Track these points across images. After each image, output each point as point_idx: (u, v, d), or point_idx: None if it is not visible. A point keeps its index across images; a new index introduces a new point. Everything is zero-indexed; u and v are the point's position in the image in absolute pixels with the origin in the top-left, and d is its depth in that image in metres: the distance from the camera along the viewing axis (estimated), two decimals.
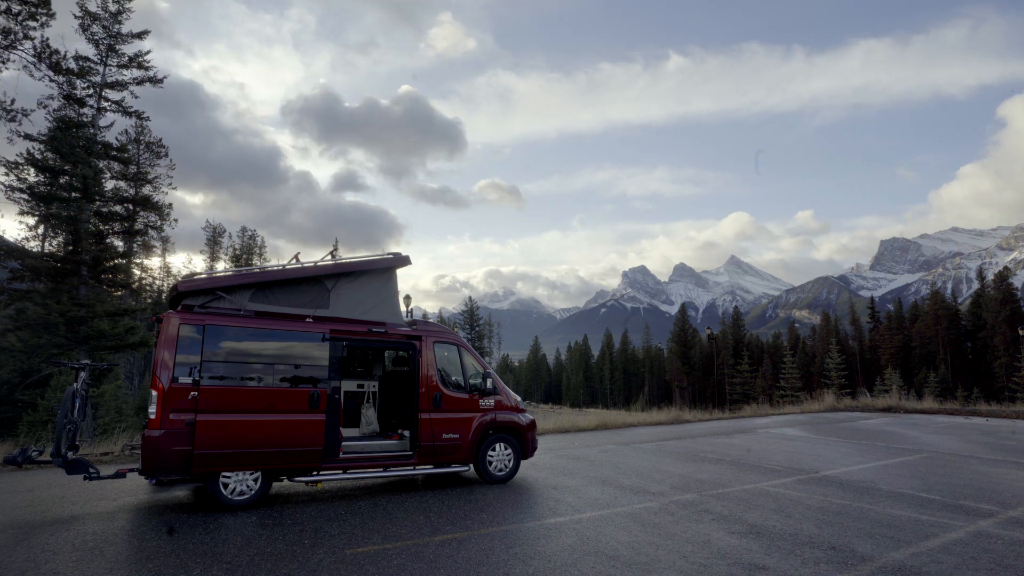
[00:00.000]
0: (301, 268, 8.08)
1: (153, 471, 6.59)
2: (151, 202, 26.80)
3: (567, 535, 6.08)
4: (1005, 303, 72.66)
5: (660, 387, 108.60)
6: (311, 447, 7.33)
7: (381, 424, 9.54)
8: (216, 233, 53.33)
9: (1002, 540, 5.99)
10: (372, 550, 5.50)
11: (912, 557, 5.40)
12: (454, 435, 8.53)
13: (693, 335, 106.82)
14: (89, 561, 5.17)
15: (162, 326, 6.92)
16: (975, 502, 7.71)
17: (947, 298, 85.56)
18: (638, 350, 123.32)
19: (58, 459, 6.83)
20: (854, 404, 26.54)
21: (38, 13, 18.92)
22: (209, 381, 6.87)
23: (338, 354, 8.17)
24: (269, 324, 7.44)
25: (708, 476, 9.50)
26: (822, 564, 5.20)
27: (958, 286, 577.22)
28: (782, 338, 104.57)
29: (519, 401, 9.54)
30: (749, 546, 5.72)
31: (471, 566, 5.09)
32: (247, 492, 7.11)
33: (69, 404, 7.11)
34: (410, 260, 8.70)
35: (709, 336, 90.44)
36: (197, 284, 7.42)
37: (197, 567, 5.01)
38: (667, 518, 6.80)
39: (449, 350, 8.96)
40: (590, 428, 17.65)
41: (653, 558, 5.35)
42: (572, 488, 8.52)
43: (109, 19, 22.31)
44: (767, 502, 7.62)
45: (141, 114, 23.62)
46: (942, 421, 19.79)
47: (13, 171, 20.02)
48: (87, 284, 20.62)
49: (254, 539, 5.84)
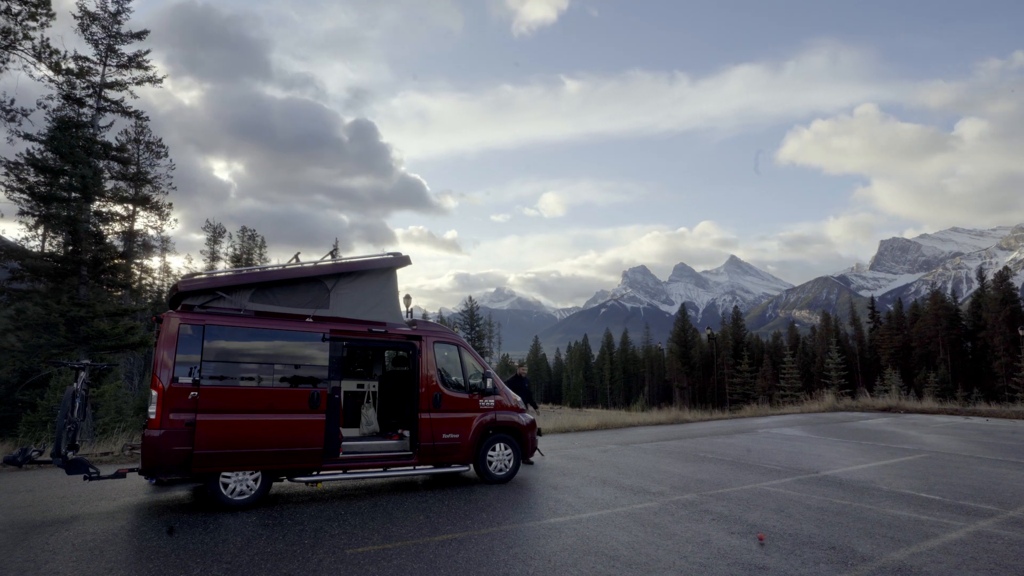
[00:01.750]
0: (301, 268, 8.08)
1: (153, 471, 6.59)
2: (151, 202, 26.82)
3: (567, 535, 6.08)
4: (1005, 303, 72.63)
5: (660, 387, 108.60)
6: (311, 447, 7.33)
7: (381, 424, 9.54)
8: (216, 233, 53.34)
9: (1002, 540, 5.99)
10: (372, 550, 5.50)
11: (912, 557, 5.40)
12: (454, 435, 8.53)
13: (693, 335, 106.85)
14: (89, 561, 5.17)
15: (162, 326, 6.92)
16: (975, 502, 7.71)
17: (947, 298, 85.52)
18: (638, 350, 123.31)
19: (58, 459, 6.83)
20: (854, 404, 26.53)
21: (38, 13, 18.92)
22: (209, 381, 6.87)
23: (338, 354, 8.16)
24: (269, 324, 7.44)
25: (708, 476, 9.50)
26: (822, 564, 5.20)
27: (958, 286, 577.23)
28: (782, 338, 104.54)
29: (519, 401, 9.54)
30: (749, 546, 5.72)
31: (471, 566, 5.09)
32: (247, 492, 7.11)
33: (69, 404, 7.11)
34: (410, 260, 8.71)
35: (709, 336, 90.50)
36: (197, 284, 7.42)
37: (197, 567, 5.01)
38: (667, 518, 6.80)
39: (449, 350, 8.96)
40: (590, 428, 17.65)
41: (653, 558, 5.35)
42: (572, 488, 8.51)
43: (108, 19, 22.31)
44: (767, 502, 7.62)
45: (140, 114, 23.63)
46: (942, 421, 19.78)
47: (13, 171, 20.02)
48: (87, 284, 20.62)
49: (254, 539, 5.84)
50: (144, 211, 28.58)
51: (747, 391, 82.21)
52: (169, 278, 49.83)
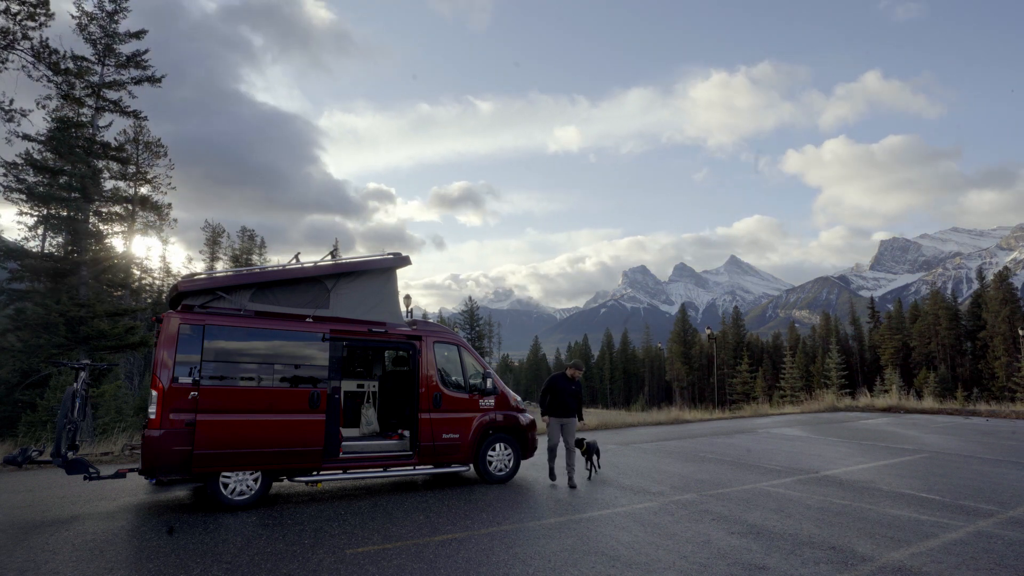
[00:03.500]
0: (301, 268, 8.08)
1: (153, 471, 6.59)
2: (150, 202, 26.81)
3: (567, 535, 6.07)
4: (1005, 303, 72.60)
5: (660, 387, 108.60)
6: (311, 447, 7.33)
7: (381, 424, 9.53)
8: (215, 233, 53.31)
9: (1002, 540, 5.99)
10: (372, 550, 5.49)
11: (912, 557, 5.40)
12: (454, 435, 8.52)
13: (693, 335, 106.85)
14: (89, 561, 5.17)
15: (162, 326, 6.91)
16: (975, 502, 7.71)
17: (947, 298, 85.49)
18: (638, 350, 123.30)
19: (58, 459, 6.83)
20: (854, 404, 26.54)
21: (36, 13, 18.90)
22: (209, 381, 6.86)
23: (338, 354, 8.16)
24: (269, 324, 7.43)
25: (708, 476, 9.50)
26: (822, 564, 5.20)
27: (958, 286, 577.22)
28: (782, 338, 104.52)
29: (519, 401, 9.53)
30: (749, 546, 5.72)
31: (471, 566, 5.09)
32: (247, 492, 7.10)
33: (69, 404, 7.11)
34: (410, 260, 8.70)
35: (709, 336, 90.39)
36: (197, 284, 7.42)
37: (197, 567, 5.01)
38: (667, 518, 6.80)
39: (449, 350, 8.96)
40: (590, 428, 17.64)
41: (653, 558, 5.35)
42: (572, 488, 8.51)
43: (106, 19, 22.28)
44: (767, 502, 7.61)
45: (139, 114, 23.61)
46: (942, 421, 19.79)
47: (12, 171, 20.02)
48: (87, 284, 20.61)
49: (254, 539, 5.84)
50: (144, 211, 28.60)
51: (747, 391, 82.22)
52: (169, 278, 49.80)
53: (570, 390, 8.81)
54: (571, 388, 8.84)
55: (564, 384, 8.83)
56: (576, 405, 8.90)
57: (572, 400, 8.79)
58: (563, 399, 8.74)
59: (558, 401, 8.78)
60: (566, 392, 8.77)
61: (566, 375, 8.96)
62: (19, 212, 20.84)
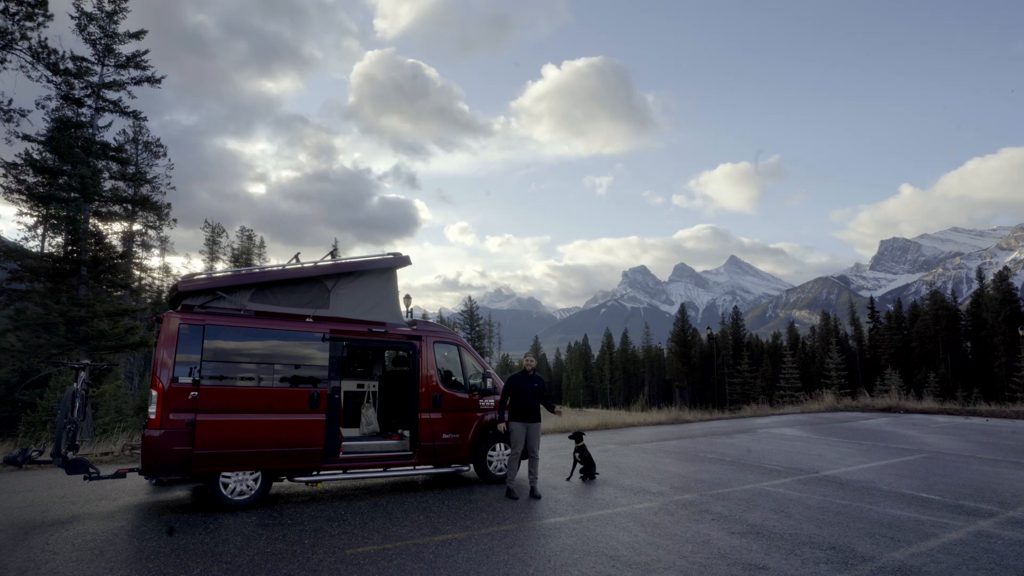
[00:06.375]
0: (301, 268, 8.08)
1: (153, 471, 6.59)
2: (150, 202, 26.81)
3: (567, 535, 6.08)
4: (1005, 303, 72.65)
5: (660, 387, 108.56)
6: (311, 447, 7.33)
7: (381, 424, 9.54)
8: (215, 233, 53.32)
9: (1002, 540, 5.99)
10: (372, 550, 5.49)
11: (912, 557, 5.40)
12: (454, 435, 8.52)
13: (693, 335, 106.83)
14: (89, 561, 5.17)
15: (162, 326, 6.91)
16: (975, 502, 7.71)
17: (947, 298, 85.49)
18: (638, 350, 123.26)
19: (58, 459, 6.83)
20: (854, 404, 26.53)
21: (35, 13, 18.89)
22: (209, 381, 6.86)
23: (338, 354, 8.16)
24: (269, 324, 7.43)
25: (708, 476, 9.50)
26: (822, 564, 5.20)
27: (958, 286, 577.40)
28: (782, 338, 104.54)
29: None
30: (749, 546, 5.72)
31: (471, 566, 5.09)
32: (247, 492, 7.10)
33: (69, 404, 7.11)
34: (410, 260, 8.71)
35: (709, 336, 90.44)
36: (197, 284, 7.41)
37: (197, 567, 5.01)
38: (667, 518, 6.80)
39: (449, 350, 8.96)
40: (590, 428, 17.65)
41: (653, 558, 5.35)
42: (572, 488, 8.51)
43: (105, 19, 22.26)
44: (767, 502, 7.61)
45: (139, 114, 23.60)
46: (942, 421, 19.79)
47: (12, 172, 20.01)
48: (87, 284, 20.61)
49: (254, 539, 5.84)
50: (143, 211, 28.59)
51: (747, 391, 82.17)
52: (169, 278, 49.80)
53: (532, 388, 7.98)
54: (533, 386, 8.00)
55: (525, 383, 7.98)
56: (539, 405, 8.08)
57: (535, 400, 7.98)
58: (526, 400, 7.89)
59: (521, 403, 7.89)
60: (528, 391, 7.93)
61: (526, 372, 8.12)
62: (19, 212, 20.85)
